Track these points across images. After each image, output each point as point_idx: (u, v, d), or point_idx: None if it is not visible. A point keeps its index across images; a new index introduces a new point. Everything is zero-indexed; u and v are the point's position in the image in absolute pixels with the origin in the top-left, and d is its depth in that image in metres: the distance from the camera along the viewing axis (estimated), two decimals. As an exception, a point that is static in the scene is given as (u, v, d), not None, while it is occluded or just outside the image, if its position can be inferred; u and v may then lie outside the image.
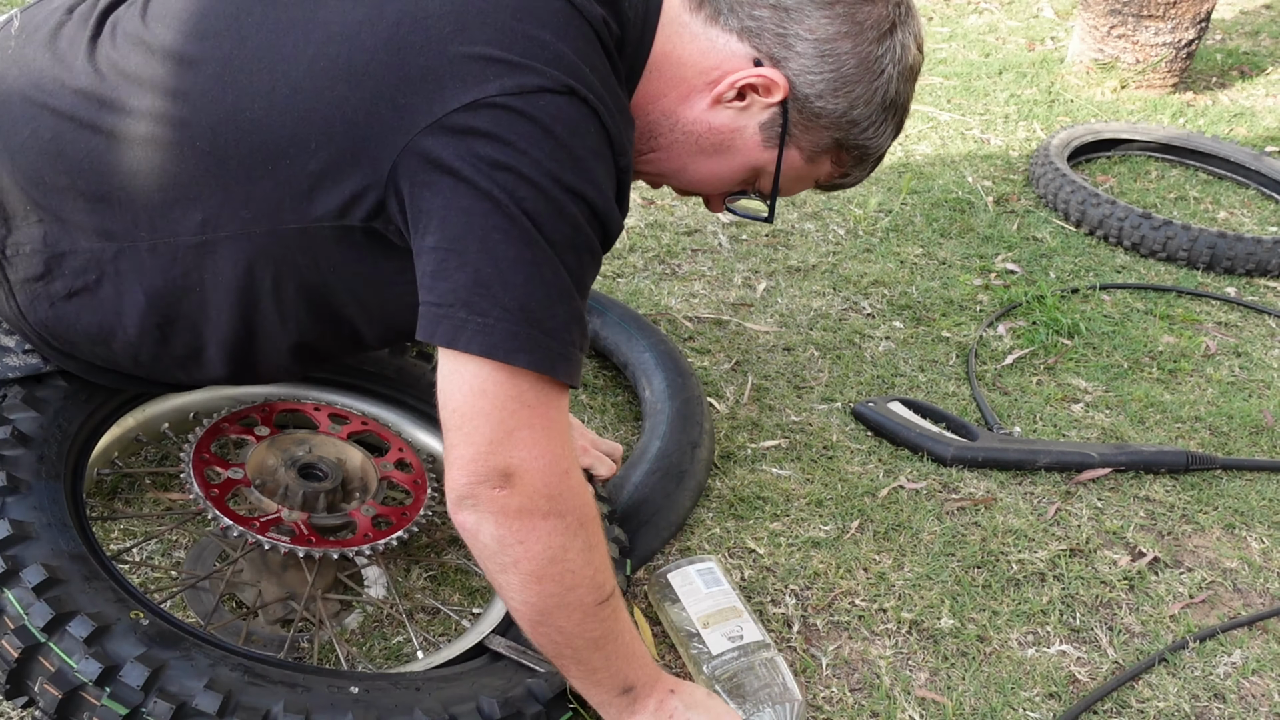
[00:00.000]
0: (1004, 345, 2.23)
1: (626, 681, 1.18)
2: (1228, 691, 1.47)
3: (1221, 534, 1.76)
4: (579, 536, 1.09)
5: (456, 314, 1.02)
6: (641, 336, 1.92)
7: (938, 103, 3.48)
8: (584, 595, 1.11)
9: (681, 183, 1.27)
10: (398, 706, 1.12)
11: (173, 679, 1.07)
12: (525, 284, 1.02)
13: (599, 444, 1.57)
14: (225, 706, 1.06)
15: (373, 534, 1.37)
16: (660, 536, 1.58)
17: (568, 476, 1.08)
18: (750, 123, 1.19)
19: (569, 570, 1.09)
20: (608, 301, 2.02)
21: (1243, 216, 2.95)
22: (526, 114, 1.01)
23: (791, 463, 1.82)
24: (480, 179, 1.00)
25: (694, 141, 1.20)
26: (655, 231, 2.51)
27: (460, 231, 1.01)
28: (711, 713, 1.23)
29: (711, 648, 1.37)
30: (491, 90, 1.00)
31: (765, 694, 1.31)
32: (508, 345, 1.02)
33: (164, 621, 1.14)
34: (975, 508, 1.76)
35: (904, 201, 2.78)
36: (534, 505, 1.05)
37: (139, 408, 1.49)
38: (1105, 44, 3.67)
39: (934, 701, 1.41)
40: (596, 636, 1.13)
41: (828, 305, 2.31)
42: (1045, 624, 1.55)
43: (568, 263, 1.04)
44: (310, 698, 1.10)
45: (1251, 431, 2.02)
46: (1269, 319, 2.44)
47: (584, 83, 1.04)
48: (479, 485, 1.04)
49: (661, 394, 1.79)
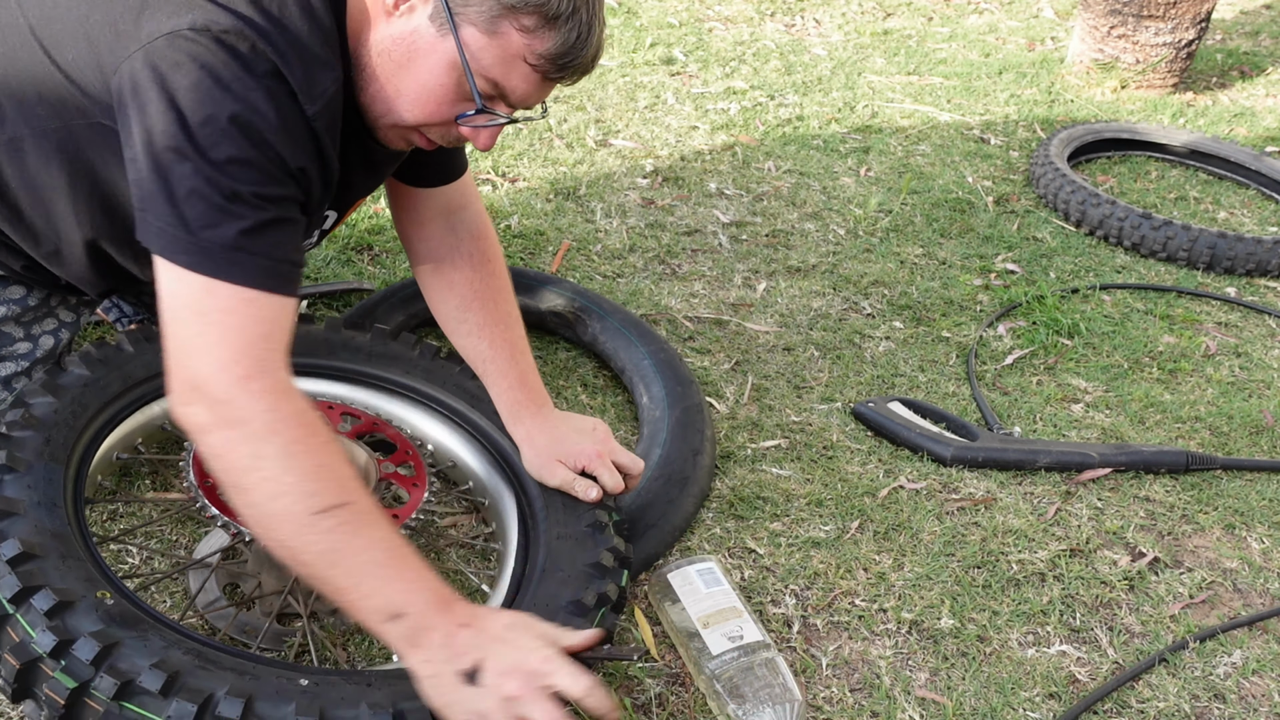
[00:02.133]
0: (1004, 345, 2.23)
1: (391, 607, 1.10)
2: (1228, 692, 1.47)
3: (1221, 534, 1.76)
4: (270, 443, 1.09)
5: (145, 216, 1.13)
6: (641, 343, 1.91)
7: (938, 103, 3.48)
8: (291, 504, 1.09)
9: (406, 110, 1.26)
10: (344, 699, 1.12)
11: (124, 657, 1.10)
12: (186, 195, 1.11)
13: (618, 454, 1.51)
14: (169, 686, 1.08)
15: None
16: (663, 542, 1.58)
17: (247, 382, 1.09)
18: (420, 20, 1.21)
19: (267, 479, 1.09)
20: (609, 306, 2.01)
21: (1243, 217, 2.95)
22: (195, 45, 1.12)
23: (791, 463, 1.82)
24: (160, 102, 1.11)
25: (389, 60, 1.23)
26: (655, 231, 2.51)
27: (142, 145, 1.13)
28: (517, 646, 1.12)
29: (711, 647, 1.37)
30: (184, 24, 1.13)
31: (765, 694, 1.31)
32: (172, 247, 1.11)
33: (130, 604, 1.16)
34: (975, 508, 1.76)
35: (904, 201, 2.78)
36: (215, 416, 1.09)
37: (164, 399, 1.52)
38: (1105, 44, 3.67)
39: (934, 701, 1.41)
40: (323, 550, 1.09)
41: (828, 305, 2.31)
42: (1045, 624, 1.55)
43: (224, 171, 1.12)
44: (257, 685, 1.11)
45: (1251, 431, 2.02)
46: (1269, 319, 2.44)
47: (253, 24, 1.14)
48: (177, 399, 1.12)
49: (660, 402, 1.78)
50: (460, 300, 1.53)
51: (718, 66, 3.60)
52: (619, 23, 3.89)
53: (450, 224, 1.54)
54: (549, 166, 2.76)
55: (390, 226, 2.41)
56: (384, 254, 2.30)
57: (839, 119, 3.28)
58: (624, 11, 4.00)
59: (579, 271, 2.31)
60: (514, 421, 1.52)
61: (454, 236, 1.53)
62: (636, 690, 1.39)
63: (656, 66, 3.54)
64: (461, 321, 1.53)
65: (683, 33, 3.87)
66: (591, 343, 1.98)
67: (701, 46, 3.76)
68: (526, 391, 1.52)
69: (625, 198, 2.64)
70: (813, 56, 3.81)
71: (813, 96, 3.45)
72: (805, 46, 3.90)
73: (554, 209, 2.55)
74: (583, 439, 1.48)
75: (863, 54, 3.86)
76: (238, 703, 1.08)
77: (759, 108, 3.31)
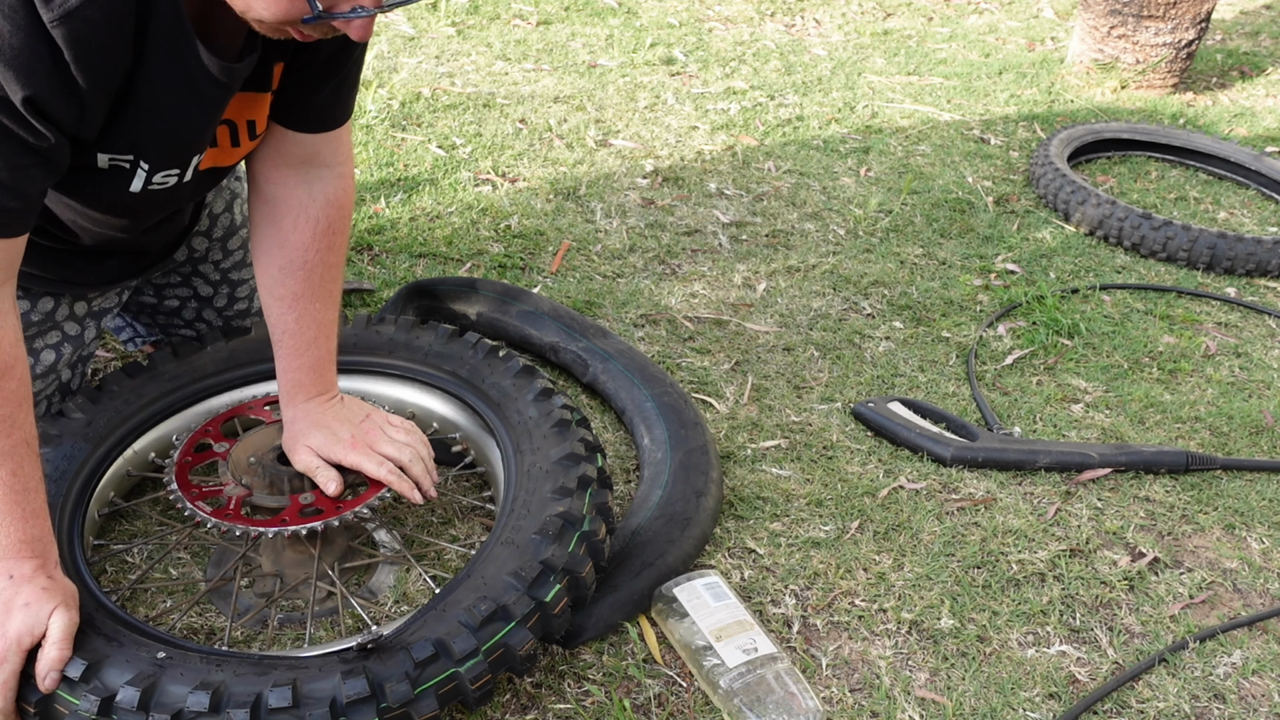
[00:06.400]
0: (1004, 345, 2.23)
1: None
2: (1228, 692, 1.47)
3: (1221, 534, 1.76)
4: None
5: None
6: (645, 386, 1.84)
7: (938, 103, 3.48)
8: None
9: (260, 8, 1.08)
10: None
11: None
12: None
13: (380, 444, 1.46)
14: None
15: (290, 519, 1.40)
16: (660, 580, 1.51)
17: None
18: None
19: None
20: (614, 350, 1.93)
21: (1243, 217, 2.95)
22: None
23: (791, 463, 1.82)
24: None
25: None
26: (655, 231, 2.51)
27: None
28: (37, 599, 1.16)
29: (727, 661, 1.36)
30: None
31: (783, 706, 1.31)
32: None
33: (73, 575, 1.26)
34: (975, 508, 1.76)
35: (904, 201, 2.78)
36: None
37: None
38: (1105, 44, 3.67)
39: (934, 702, 1.41)
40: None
41: (828, 305, 2.31)
42: (1045, 624, 1.55)
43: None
44: (119, 651, 1.18)
45: (1251, 431, 2.02)
46: (1269, 319, 2.44)
47: None
48: None
49: (662, 444, 1.73)
50: (286, 262, 1.42)
51: (718, 66, 3.60)
52: (619, 23, 3.90)
53: (307, 177, 1.42)
54: (549, 166, 2.76)
55: (390, 226, 2.41)
56: (384, 254, 2.30)
57: (839, 119, 3.28)
58: (624, 11, 4.01)
59: (579, 271, 2.31)
60: (288, 401, 1.47)
61: (306, 192, 1.42)
62: (636, 690, 1.39)
63: (656, 66, 3.54)
64: (279, 284, 1.43)
65: (683, 33, 3.87)
66: (590, 385, 1.93)
67: (701, 47, 3.76)
68: (313, 375, 1.46)
69: (625, 198, 2.64)
70: (813, 56, 3.81)
71: (813, 96, 3.45)
72: (805, 46, 3.90)
73: (554, 209, 2.55)
74: (342, 428, 1.44)
75: (863, 54, 3.86)
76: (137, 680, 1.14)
77: (759, 108, 3.31)
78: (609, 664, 1.41)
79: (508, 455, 1.52)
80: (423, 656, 1.17)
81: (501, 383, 1.61)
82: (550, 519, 1.35)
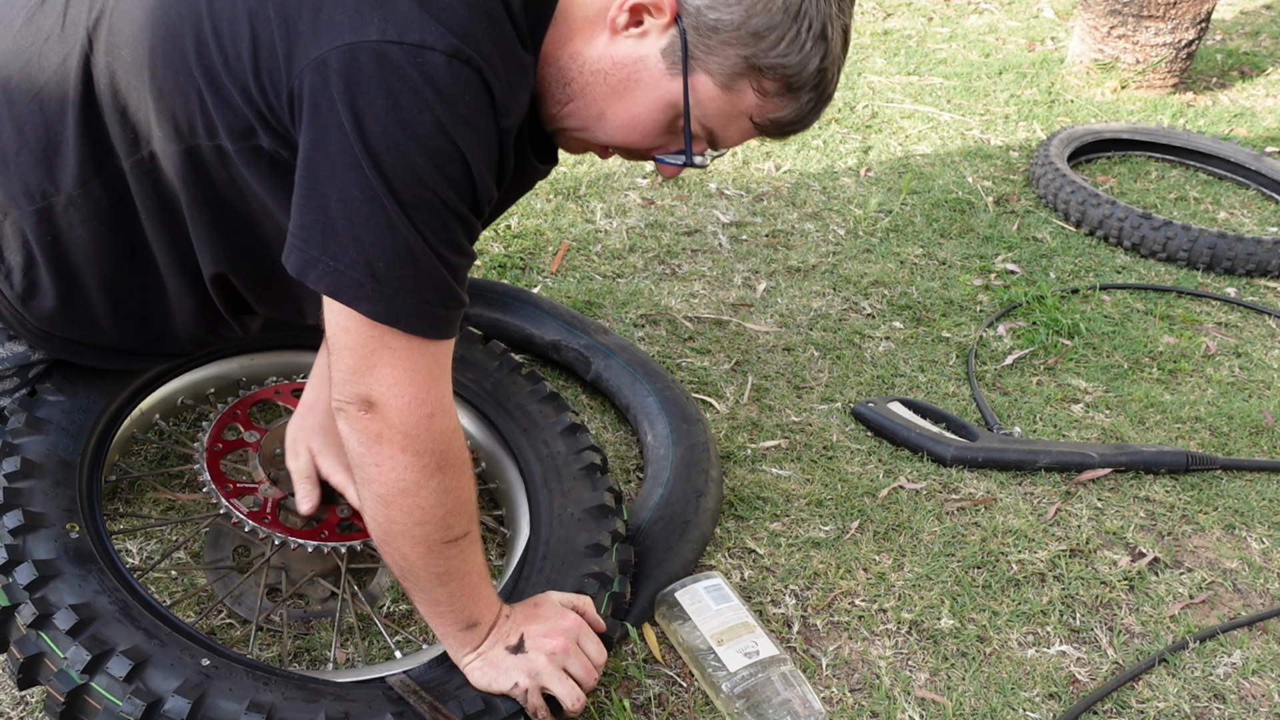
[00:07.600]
0: (1004, 345, 2.23)
1: (471, 618, 1.23)
2: (1228, 692, 1.47)
3: (1221, 534, 1.76)
4: (435, 478, 1.12)
5: (310, 250, 1.06)
6: (647, 381, 1.84)
7: (938, 103, 3.48)
8: (431, 532, 1.15)
9: (606, 134, 1.19)
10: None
11: (54, 590, 1.15)
12: (375, 243, 1.04)
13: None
14: (77, 628, 1.12)
15: (329, 534, 1.40)
16: (657, 591, 1.50)
17: (431, 420, 1.11)
18: (652, 50, 1.13)
19: (419, 505, 1.13)
20: (615, 345, 1.92)
21: (1243, 217, 2.95)
22: (401, 68, 1.00)
23: (791, 463, 1.82)
24: (344, 127, 1.01)
25: (602, 81, 1.15)
26: (655, 231, 2.51)
27: (323, 174, 1.04)
28: (545, 620, 1.28)
29: (729, 665, 1.36)
30: (372, 35, 1.01)
31: (787, 709, 1.30)
32: (352, 292, 1.06)
33: (96, 543, 1.23)
34: (975, 508, 1.76)
35: (904, 201, 2.78)
36: (391, 436, 1.10)
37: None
38: (1105, 44, 3.67)
39: (934, 702, 1.41)
40: (440, 572, 1.18)
41: (828, 305, 2.31)
42: (1045, 624, 1.55)
43: (420, 223, 1.05)
44: (162, 651, 1.14)
45: (1251, 432, 2.02)
46: (1269, 319, 2.44)
47: (470, 40, 1.03)
48: (347, 403, 1.11)
49: (664, 439, 1.72)
50: None
51: (718, 66, 3.59)
52: (619, 23, 3.89)
53: None
54: (549, 166, 2.76)
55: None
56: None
57: (839, 119, 3.28)
58: (624, 11, 4.00)
59: (579, 271, 2.31)
60: (318, 385, 1.47)
61: None
62: (636, 690, 1.39)
63: (656, 66, 3.54)
64: None
65: (683, 33, 3.86)
66: (593, 382, 1.92)
67: (701, 46, 3.75)
68: None
69: (625, 198, 2.64)
70: (813, 56, 3.80)
71: (813, 96, 3.44)
72: (805, 46, 3.90)
73: (554, 209, 2.55)
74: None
75: (863, 54, 3.86)
76: (128, 665, 1.12)
77: (759, 108, 3.30)
78: (609, 664, 1.41)
79: (533, 486, 1.52)
80: (473, 711, 1.21)
81: (527, 406, 1.61)
82: (586, 580, 1.38)
